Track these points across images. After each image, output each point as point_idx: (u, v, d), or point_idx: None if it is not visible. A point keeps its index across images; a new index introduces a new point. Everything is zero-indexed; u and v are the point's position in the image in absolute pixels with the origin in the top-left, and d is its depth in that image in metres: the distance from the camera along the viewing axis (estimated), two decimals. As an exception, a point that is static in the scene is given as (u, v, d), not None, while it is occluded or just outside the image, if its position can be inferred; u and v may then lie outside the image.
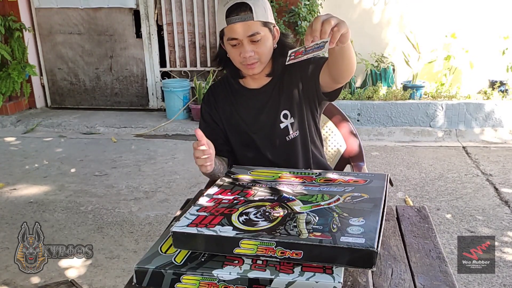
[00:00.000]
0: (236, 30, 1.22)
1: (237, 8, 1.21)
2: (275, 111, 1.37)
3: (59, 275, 2.03)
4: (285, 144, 1.38)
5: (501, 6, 4.25)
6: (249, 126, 1.39)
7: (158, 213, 2.68)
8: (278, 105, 1.37)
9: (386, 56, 4.46)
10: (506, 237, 2.31)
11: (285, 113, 1.37)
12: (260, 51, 1.26)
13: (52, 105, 5.30)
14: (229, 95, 1.41)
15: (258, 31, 1.23)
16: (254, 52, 1.25)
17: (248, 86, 1.40)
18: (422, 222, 1.11)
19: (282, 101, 1.37)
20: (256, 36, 1.23)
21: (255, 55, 1.25)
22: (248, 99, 1.39)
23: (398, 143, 3.93)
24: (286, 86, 1.37)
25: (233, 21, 1.21)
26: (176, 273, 0.81)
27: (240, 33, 1.22)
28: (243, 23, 1.21)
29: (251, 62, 1.26)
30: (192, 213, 0.92)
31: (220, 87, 1.45)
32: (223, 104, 1.41)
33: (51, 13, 4.95)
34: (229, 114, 1.41)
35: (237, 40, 1.23)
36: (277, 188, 1.05)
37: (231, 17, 1.21)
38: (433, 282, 0.86)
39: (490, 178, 3.07)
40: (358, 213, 0.89)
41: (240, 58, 1.26)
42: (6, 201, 2.90)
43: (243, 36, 1.22)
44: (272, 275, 0.79)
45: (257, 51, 1.25)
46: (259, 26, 1.23)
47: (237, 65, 1.30)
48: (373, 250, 0.76)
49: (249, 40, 1.23)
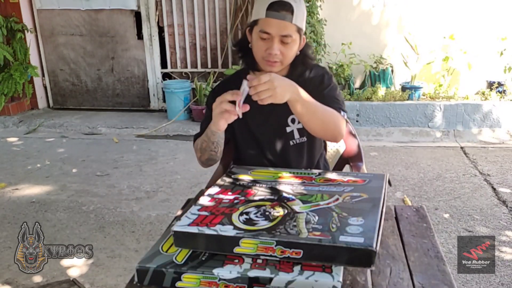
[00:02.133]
0: (273, 25, 1.22)
1: (281, 5, 1.21)
2: (284, 114, 1.36)
3: (61, 274, 2.04)
4: (288, 147, 1.38)
5: (499, 7, 4.25)
6: (256, 124, 1.39)
7: (159, 213, 2.70)
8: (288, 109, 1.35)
9: (384, 57, 4.46)
10: (504, 237, 2.32)
11: (293, 118, 1.37)
12: (286, 53, 1.26)
13: (54, 106, 5.31)
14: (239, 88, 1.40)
15: (291, 34, 1.23)
16: (280, 52, 1.25)
17: None
18: (421, 221, 1.11)
19: None
20: (288, 38, 1.24)
21: (280, 55, 1.25)
22: None
23: (397, 143, 3.94)
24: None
25: (273, 16, 1.21)
26: (177, 272, 0.82)
27: (275, 30, 1.22)
28: (281, 22, 1.21)
29: (273, 60, 1.26)
30: (193, 212, 0.92)
31: (232, 82, 1.42)
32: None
33: (53, 14, 4.96)
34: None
35: (269, 35, 1.23)
36: (277, 188, 1.06)
37: (272, 11, 1.21)
38: (431, 281, 0.86)
39: (488, 178, 3.09)
40: (357, 213, 0.90)
41: (264, 52, 1.26)
42: (9, 201, 2.91)
43: (277, 34, 1.22)
44: (272, 274, 0.79)
45: (283, 52, 1.25)
46: (293, 30, 1.24)
47: (258, 58, 1.30)
48: (372, 250, 0.77)
49: (280, 39, 1.23)
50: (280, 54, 1.25)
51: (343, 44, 4.32)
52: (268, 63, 1.27)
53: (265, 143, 1.40)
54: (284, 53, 1.26)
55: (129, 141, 4.19)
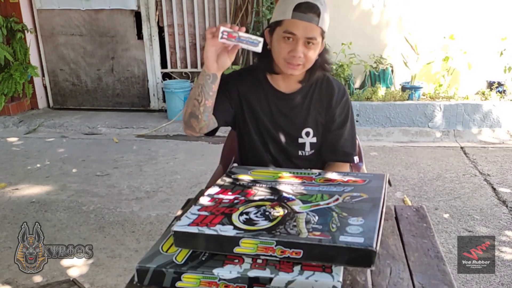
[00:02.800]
0: (299, 27, 1.20)
1: (308, 7, 1.19)
2: (299, 125, 1.36)
3: (61, 274, 2.04)
4: (296, 157, 1.38)
5: (499, 7, 4.25)
6: (270, 128, 1.37)
7: (159, 213, 2.70)
8: (304, 121, 1.35)
9: (384, 57, 4.46)
10: (504, 237, 2.32)
11: (308, 131, 1.36)
12: (309, 56, 1.24)
13: (54, 106, 5.31)
14: (254, 87, 1.37)
15: (316, 37, 1.22)
16: (303, 55, 1.23)
17: (276, 86, 1.36)
18: (421, 221, 1.11)
19: (310, 118, 1.36)
20: (312, 41, 1.22)
21: (303, 58, 1.23)
22: (274, 99, 1.36)
23: (397, 143, 3.94)
24: (314, 104, 1.36)
25: (299, 18, 1.19)
26: (177, 272, 0.82)
27: (301, 32, 1.20)
28: (308, 24, 1.20)
29: (296, 62, 1.24)
30: (193, 212, 0.92)
31: (246, 75, 1.39)
32: (246, 92, 1.36)
33: (53, 14, 4.96)
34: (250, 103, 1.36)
35: (294, 36, 1.21)
36: (277, 188, 1.06)
37: (300, 13, 1.19)
38: (432, 281, 0.86)
39: (488, 178, 3.09)
40: (357, 213, 0.90)
41: (287, 54, 1.23)
42: (9, 201, 2.91)
43: (302, 36, 1.20)
44: (272, 274, 0.79)
45: (307, 55, 1.23)
46: (318, 33, 1.23)
47: (279, 60, 1.26)
48: (372, 250, 0.77)
49: (305, 41, 1.22)
50: (303, 56, 1.23)
51: (343, 44, 4.32)
52: (290, 66, 1.25)
53: (274, 148, 1.38)
54: (308, 56, 1.24)
55: (129, 141, 4.19)
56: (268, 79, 1.37)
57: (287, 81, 1.35)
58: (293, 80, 1.34)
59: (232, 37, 1.07)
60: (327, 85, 1.38)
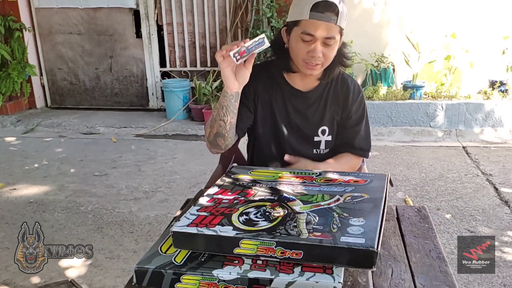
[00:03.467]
0: (318, 27, 1.17)
1: (326, 6, 1.16)
2: (316, 123, 1.35)
3: (59, 275, 2.03)
4: (310, 155, 1.36)
5: (501, 6, 4.25)
6: (285, 126, 1.35)
7: (158, 213, 2.68)
8: (321, 119, 1.34)
9: (386, 56, 4.46)
10: (506, 237, 2.31)
11: (324, 129, 1.35)
12: (328, 55, 1.22)
13: (52, 105, 5.30)
14: (270, 85, 1.35)
15: (335, 36, 1.20)
16: (322, 54, 1.21)
17: (293, 84, 1.35)
18: (422, 222, 1.11)
19: (326, 116, 1.34)
20: (331, 40, 1.20)
21: (322, 57, 1.22)
22: (291, 98, 1.35)
23: (398, 143, 3.93)
24: (331, 102, 1.35)
25: (318, 18, 1.16)
26: (176, 273, 0.81)
27: (320, 32, 1.18)
28: (327, 24, 1.17)
29: (315, 63, 1.22)
30: (192, 213, 0.92)
31: (262, 71, 1.37)
32: (262, 90, 1.34)
33: (51, 13, 4.95)
34: (266, 101, 1.35)
35: (313, 37, 1.19)
36: (277, 188, 1.05)
37: (317, 12, 1.16)
38: (433, 282, 0.86)
39: (490, 178, 3.08)
40: (358, 213, 0.89)
41: (306, 55, 1.21)
42: (6, 201, 2.90)
43: (321, 36, 1.18)
44: (272, 275, 0.79)
45: (326, 54, 1.22)
46: (337, 32, 1.20)
47: (297, 60, 1.25)
48: (373, 250, 0.76)
49: (324, 41, 1.20)
50: (322, 56, 1.21)
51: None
52: (309, 66, 1.23)
53: (288, 146, 1.37)
54: (327, 55, 1.22)
55: (128, 140, 4.18)
56: (285, 77, 1.36)
57: (304, 80, 1.34)
58: (311, 79, 1.33)
59: (243, 53, 1.10)
60: (342, 83, 1.37)
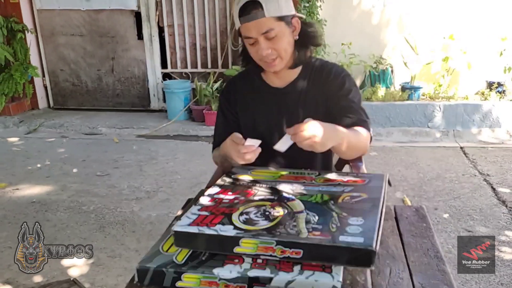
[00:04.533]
0: (249, 28, 1.19)
1: (248, 7, 1.18)
2: (302, 117, 1.30)
3: (61, 274, 2.04)
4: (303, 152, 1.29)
5: (499, 7, 4.26)
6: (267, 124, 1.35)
7: (160, 213, 2.70)
8: (303, 111, 1.32)
9: (384, 58, 4.47)
10: (503, 237, 2.33)
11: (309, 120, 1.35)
12: (278, 47, 1.22)
13: (55, 106, 5.31)
14: (249, 90, 1.38)
15: (272, 27, 1.19)
16: (271, 49, 1.21)
17: (270, 83, 1.37)
18: (420, 221, 1.11)
19: (307, 108, 1.32)
20: (270, 33, 1.19)
21: (273, 51, 1.22)
22: (270, 97, 1.36)
23: (397, 143, 3.94)
24: (313, 92, 1.33)
25: (246, 20, 1.19)
26: (177, 271, 0.82)
27: (253, 32, 1.19)
28: (255, 22, 1.18)
29: (270, 59, 1.23)
30: (193, 212, 0.92)
31: (240, 80, 1.41)
32: (242, 98, 1.38)
33: (53, 14, 4.96)
34: (246, 107, 1.38)
35: (253, 38, 1.21)
36: (277, 188, 1.06)
37: (243, 16, 1.19)
38: (431, 281, 0.86)
39: (488, 178, 3.09)
40: (357, 213, 0.90)
41: (258, 55, 1.24)
42: (9, 201, 2.91)
43: (257, 34, 1.20)
44: (272, 273, 0.79)
45: (274, 47, 1.21)
46: (272, 22, 1.19)
47: (258, 63, 1.28)
48: (371, 250, 0.77)
49: (264, 37, 1.20)
50: (272, 50, 1.22)
51: (343, 44, 4.32)
52: (268, 64, 1.26)
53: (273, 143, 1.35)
54: (276, 48, 1.22)
55: (129, 141, 4.20)
56: (263, 78, 1.38)
57: (279, 75, 1.34)
58: (285, 73, 1.33)
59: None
60: (321, 70, 1.35)
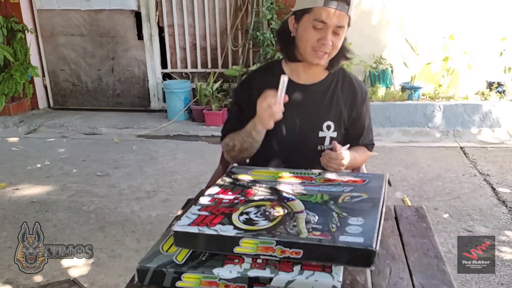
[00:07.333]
0: (331, 15, 1.17)
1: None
2: (321, 117, 1.32)
3: (61, 274, 2.04)
4: (315, 152, 1.33)
5: (499, 7, 4.26)
6: (288, 123, 1.31)
7: (160, 213, 2.70)
8: (326, 113, 1.32)
9: (384, 58, 4.47)
10: (503, 236, 2.33)
11: (329, 125, 1.33)
12: (336, 44, 1.23)
13: (55, 106, 5.32)
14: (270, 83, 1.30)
15: (345, 25, 1.21)
16: (331, 43, 1.21)
17: (296, 79, 1.33)
18: (420, 221, 1.11)
19: (332, 111, 1.33)
20: (341, 29, 1.20)
21: (331, 46, 1.22)
22: (294, 93, 1.31)
23: (397, 143, 3.94)
24: (338, 99, 1.34)
25: (331, 5, 1.17)
26: (177, 271, 0.82)
27: (333, 20, 1.18)
28: (340, 12, 1.18)
29: (324, 51, 1.22)
30: (193, 212, 0.92)
31: (260, 74, 1.38)
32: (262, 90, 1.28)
33: (53, 14, 4.97)
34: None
35: (325, 24, 1.19)
36: (277, 188, 1.06)
37: (331, 0, 1.17)
38: (431, 281, 0.86)
39: (488, 178, 3.09)
40: (357, 213, 0.90)
41: (316, 42, 1.21)
42: (9, 201, 2.91)
43: (332, 24, 1.18)
44: (272, 273, 0.79)
45: (334, 43, 1.22)
46: (347, 21, 1.21)
47: (306, 48, 1.24)
48: (371, 250, 0.77)
49: (334, 30, 1.20)
50: (331, 45, 1.22)
51: (343, 44, 4.33)
52: (317, 54, 1.23)
53: (289, 143, 1.34)
54: (335, 44, 1.23)
55: (130, 141, 4.20)
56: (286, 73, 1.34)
57: (308, 71, 1.33)
58: (315, 70, 1.32)
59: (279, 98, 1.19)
60: (349, 83, 1.37)
